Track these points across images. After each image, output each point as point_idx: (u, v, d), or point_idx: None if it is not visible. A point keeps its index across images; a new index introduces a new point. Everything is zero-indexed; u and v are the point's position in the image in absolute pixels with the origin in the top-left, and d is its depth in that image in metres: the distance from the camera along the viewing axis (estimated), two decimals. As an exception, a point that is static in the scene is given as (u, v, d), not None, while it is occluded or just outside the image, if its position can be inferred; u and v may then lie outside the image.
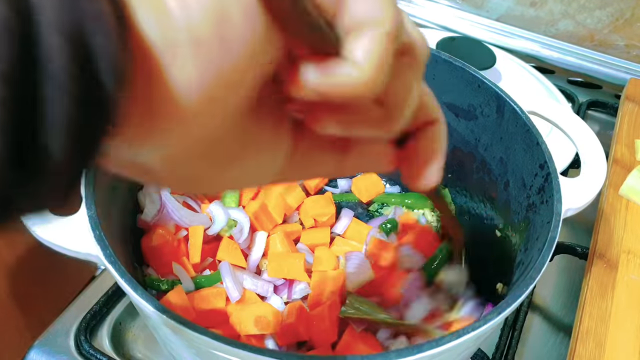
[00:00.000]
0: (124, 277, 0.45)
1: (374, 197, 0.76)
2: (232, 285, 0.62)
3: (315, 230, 0.71)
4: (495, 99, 0.62)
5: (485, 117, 0.65)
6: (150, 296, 0.44)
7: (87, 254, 0.49)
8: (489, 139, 0.65)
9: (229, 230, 0.67)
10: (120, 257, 0.48)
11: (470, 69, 0.64)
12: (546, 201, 0.55)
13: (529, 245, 0.55)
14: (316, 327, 0.60)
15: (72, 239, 0.50)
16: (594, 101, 1.03)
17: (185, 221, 0.64)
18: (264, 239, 0.67)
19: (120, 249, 0.54)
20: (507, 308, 0.44)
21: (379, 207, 0.76)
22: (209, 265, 0.66)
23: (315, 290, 0.64)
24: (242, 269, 0.65)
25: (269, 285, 0.64)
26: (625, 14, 1.00)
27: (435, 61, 0.66)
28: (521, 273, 0.52)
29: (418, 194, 0.73)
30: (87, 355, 0.64)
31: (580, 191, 0.56)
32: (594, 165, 0.59)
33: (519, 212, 0.60)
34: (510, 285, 0.55)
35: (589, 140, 0.60)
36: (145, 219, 0.65)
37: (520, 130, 0.60)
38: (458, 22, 1.12)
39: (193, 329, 0.41)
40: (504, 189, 0.64)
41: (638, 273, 0.69)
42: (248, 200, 0.71)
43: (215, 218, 0.66)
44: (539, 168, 0.57)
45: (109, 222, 0.55)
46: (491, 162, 0.66)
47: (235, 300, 0.61)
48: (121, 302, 0.68)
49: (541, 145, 0.57)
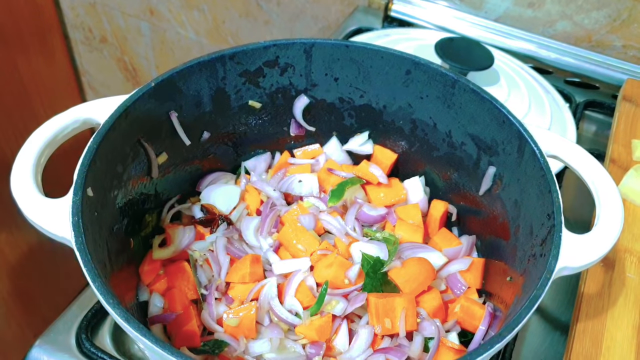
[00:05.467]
0: (87, 266, 0.47)
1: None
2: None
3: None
4: (518, 137, 0.60)
5: (506, 154, 0.62)
6: (109, 293, 0.46)
7: (62, 237, 0.50)
8: (508, 178, 0.63)
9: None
10: (96, 248, 0.50)
11: (497, 103, 0.62)
12: (544, 255, 0.52)
13: (521, 299, 0.52)
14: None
15: (52, 221, 0.51)
16: (591, 101, 1.04)
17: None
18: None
19: (100, 239, 0.55)
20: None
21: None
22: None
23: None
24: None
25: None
26: (622, 15, 1.00)
27: (464, 90, 0.64)
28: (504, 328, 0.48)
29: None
30: (88, 353, 0.65)
31: (584, 250, 0.52)
32: (607, 224, 0.53)
33: (523, 261, 0.58)
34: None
35: (611, 197, 0.55)
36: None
37: (537, 174, 0.57)
38: (457, 23, 1.13)
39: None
40: (514, 234, 0.61)
41: (635, 272, 0.70)
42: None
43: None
44: (546, 217, 0.54)
45: (101, 209, 0.56)
46: (507, 202, 0.64)
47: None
48: (122, 301, 0.69)
49: (553, 194, 0.54)
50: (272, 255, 0.67)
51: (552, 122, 0.90)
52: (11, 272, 1.11)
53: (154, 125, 0.65)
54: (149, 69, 1.73)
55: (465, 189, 0.71)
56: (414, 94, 0.69)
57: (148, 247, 0.68)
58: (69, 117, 0.59)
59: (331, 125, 0.77)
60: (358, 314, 0.64)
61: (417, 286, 0.63)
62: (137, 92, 0.61)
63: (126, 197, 0.63)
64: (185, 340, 0.60)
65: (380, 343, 0.62)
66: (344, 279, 0.63)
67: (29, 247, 1.20)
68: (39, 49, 1.63)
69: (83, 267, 0.47)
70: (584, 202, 0.77)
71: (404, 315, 0.60)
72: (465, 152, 0.68)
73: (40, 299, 1.37)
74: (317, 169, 0.76)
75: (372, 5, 1.24)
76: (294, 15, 1.34)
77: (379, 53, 0.68)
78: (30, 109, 1.67)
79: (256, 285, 0.64)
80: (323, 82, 0.72)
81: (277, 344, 0.60)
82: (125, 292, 0.60)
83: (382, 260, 0.64)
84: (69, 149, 0.67)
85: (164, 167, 0.69)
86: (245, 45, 0.67)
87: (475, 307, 0.63)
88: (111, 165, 0.59)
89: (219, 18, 1.45)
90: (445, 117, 0.68)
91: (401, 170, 0.77)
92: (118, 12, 1.60)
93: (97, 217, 0.55)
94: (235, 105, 0.72)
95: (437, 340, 0.59)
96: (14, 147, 1.60)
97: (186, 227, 0.70)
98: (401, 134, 0.74)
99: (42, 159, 0.56)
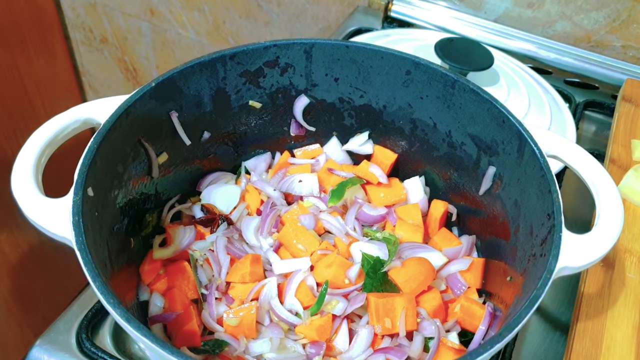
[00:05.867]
0: (87, 266, 0.47)
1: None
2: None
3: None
4: (518, 137, 0.60)
5: (506, 154, 0.62)
6: (110, 292, 0.46)
7: (63, 237, 0.50)
8: (508, 178, 0.63)
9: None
10: (96, 247, 0.50)
11: (497, 103, 0.62)
12: (544, 255, 0.52)
13: (521, 299, 0.52)
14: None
15: (53, 221, 0.51)
16: (591, 101, 1.04)
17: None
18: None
19: (101, 238, 0.55)
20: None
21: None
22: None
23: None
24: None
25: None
26: (621, 15, 1.01)
27: (463, 90, 0.65)
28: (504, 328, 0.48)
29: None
30: (89, 353, 0.65)
31: (584, 250, 0.52)
32: (607, 224, 0.53)
33: (523, 260, 0.58)
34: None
35: (611, 197, 0.55)
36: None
37: (537, 174, 0.57)
38: (456, 23, 1.13)
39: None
40: (514, 234, 0.61)
41: (634, 272, 0.70)
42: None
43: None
44: (546, 217, 0.54)
45: (102, 209, 0.56)
46: (507, 202, 0.64)
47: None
48: (122, 301, 0.69)
49: (552, 194, 0.54)
50: (272, 255, 0.67)
51: (551, 122, 0.90)
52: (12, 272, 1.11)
53: (155, 125, 0.65)
54: (150, 69, 1.73)
55: (465, 189, 0.71)
56: (414, 94, 0.70)
57: (148, 246, 0.68)
58: (70, 117, 0.59)
59: (331, 125, 0.77)
60: (358, 313, 0.64)
61: (417, 286, 0.63)
62: (138, 92, 0.61)
63: (126, 197, 0.63)
64: (186, 340, 0.60)
65: (380, 343, 0.62)
66: (344, 279, 0.63)
67: (30, 246, 1.21)
68: (39, 49, 1.63)
69: (83, 267, 0.47)
70: (583, 202, 0.77)
71: (404, 315, 0.61)
72: (465, 152, 0.68)
73: (41, 299, 1.37)
74: (317, 169, 0.76)
75: (372, 6, 1.24)
76: (294, 15, 1.34)
77: (379, 53, 0.68)
78: (30, 109, 1.67)
79: (256, 285, 0.64)
80: (323, 82, 0.72)
81: (278, 344, 0.60)
82: (125, 292, 0.60)
83: (382, 260, 0.64)
84: (70, 149, 0.67)
85: (165, 167, 0.69)
86: (245, 45, 0.67)
87: (475, 307, 0.63)
88: (112, 165, 0.59)
89: (220, 18, 1.45)
90: (445, 117, 0.68)
91: (401, 170, 0.78)
92: (118, 13, 1.60)
93: (98, 216, 0.55)
94: (235, 105, 0.72)
95: (437, 340, 0.60)
96: (15, 147, 1.60)
97: (186, 227, 0.70)
98: (401, 134, 0.74)
99: (42, 159, 0.56)
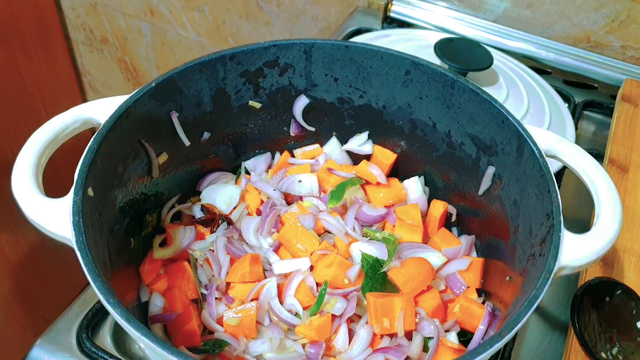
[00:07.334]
0: (87, 266, 0.47)
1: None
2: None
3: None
4: (517, 137, 0.60)
5: (505, 154, 0.63)
6: (110, 292, 0.47)
7: (63, 237, 0.50)
8: (507, 178, 0.63)
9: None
10: (97, 247, 0.50)
11: (496, 103, 0.62)
12: (543, 254, 0.52)
13: (520, 298, 0.52)
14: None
15: (53, 221, 0.51)
16: (590, 101, 1.04)
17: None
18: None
19: (101, 238, 0.55)
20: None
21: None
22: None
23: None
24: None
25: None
26: (620, 15, 1.01)
27: (463, 90, 0.65)
28: (503, 328, 0.48)
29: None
30: (89, 353, 0.65)
31: (583, 250, 0.52)
32: (606, 224, 0.53)
33: (522, 260, 0.58)
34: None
35: (609, 196, 0.55)
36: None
37: (536, 173, 0.57)
38: (456, 24, 1.13)
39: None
40: (513, 234, 0.61)
41: (633, 271, 0.70)
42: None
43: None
44: (545, 217, 0.54)
45: (102, 209, 0.56)
46: (506, 202, 0.64)
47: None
48: (123, 300, 0.69)
49: (552, 193, 0.54)
50: (272, 255, 0.67)
51: (551, 122, 0.90)
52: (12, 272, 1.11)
53: (155, 125, 0.65)
54: (150, 70, 1.73)
55: (465, 189, 0.71)
56: (413, 94, 0.70)
57: (148, 246, 0.68)
58: (70, 117, 0.59)
59: (331, 126, 0.77)
60: (358, 313, 0.64)
61: (416, 286, 0.63)
62: (138, 92, 0.61)
63: (127, 197, 0.63)
64: (186, 339, 0.60)
65: (379, 343, 0.62)
66: (344, 279, 0.64)
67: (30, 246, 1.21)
68: (40, 49, 1.63)
69: (84, 267, 0.48)
70: (582, 202, 0.77)
71: (402, 315, 0.61)
72: (464, 152, 0.69)
73: (41, 299, 1.38)
74: (317, 169, 0.77)
75: (372, 6, 1.24)
76: (294, 16, 1.34)
77: (378, 53, 0.68)
78: (31, 109, 1.67)
79: (256, 285, 0.64)
80: (323, 82, 0.72)
81: (277, 344, 0.60)
82: (125, 292, 0.61)
83: (382, 260, 0.64)
84: (70, 149, 0.67)
85: (165, 167, 0.69)
86: (245, 45, 0.68)
87: (475, 307, 0.63)
88: (112, 165, 0.59)
89: (220, 19, 1.46)
90: (445, 117, 0.69)
91: (401, 170, 0.78)
92: (119, 13, 1.60)
93: (98, 216, 0.55)
94: (235, 105, 0.72)
95: (437, 339, 0.60)
96: (15, 147, 1.60)
97: (186, 227, 0.70)
98: (401, 134, 0.74)
99: (42, 159, 0.56)
